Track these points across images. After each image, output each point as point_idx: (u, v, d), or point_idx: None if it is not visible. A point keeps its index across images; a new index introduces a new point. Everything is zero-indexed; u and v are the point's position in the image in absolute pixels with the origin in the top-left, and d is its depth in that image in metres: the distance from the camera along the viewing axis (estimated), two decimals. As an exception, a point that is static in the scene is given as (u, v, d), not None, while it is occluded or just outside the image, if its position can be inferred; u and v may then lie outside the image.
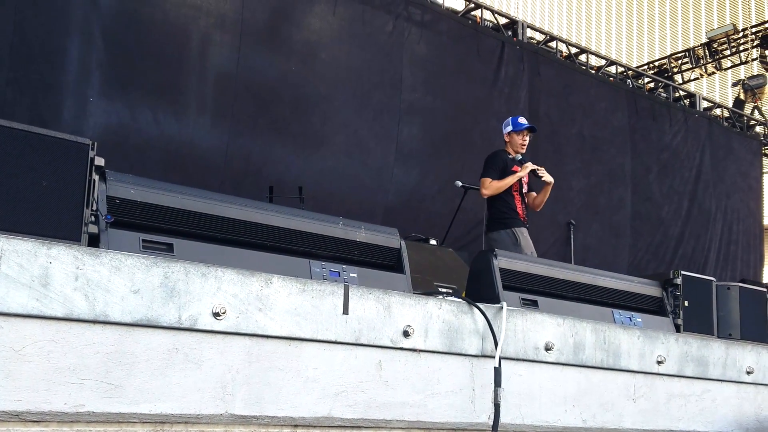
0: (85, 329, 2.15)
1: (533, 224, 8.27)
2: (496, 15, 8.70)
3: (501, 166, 5.45)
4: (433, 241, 5.53)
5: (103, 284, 2.17)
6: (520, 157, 5.56)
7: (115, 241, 2.35)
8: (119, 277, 2.20)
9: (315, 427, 2.64)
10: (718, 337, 4.01)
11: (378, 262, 3.12)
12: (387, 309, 2.82)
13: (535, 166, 5.51)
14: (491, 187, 5.41)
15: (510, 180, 5.44)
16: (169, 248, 2.49)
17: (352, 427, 2.73)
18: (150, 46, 6.16)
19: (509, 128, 5.60)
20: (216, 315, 2.39)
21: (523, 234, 5.53)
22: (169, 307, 2.30)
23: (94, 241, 2.33)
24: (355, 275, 3.00)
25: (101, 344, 2.18)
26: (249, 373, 2.49)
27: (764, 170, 11.89)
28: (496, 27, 8.68)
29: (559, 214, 8.59)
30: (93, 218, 2.29)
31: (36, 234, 2.12)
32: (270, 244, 2.77)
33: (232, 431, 2.46)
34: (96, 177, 2.29)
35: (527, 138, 5.59)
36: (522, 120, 5.59)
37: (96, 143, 2.27)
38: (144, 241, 2.43)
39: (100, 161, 2.30)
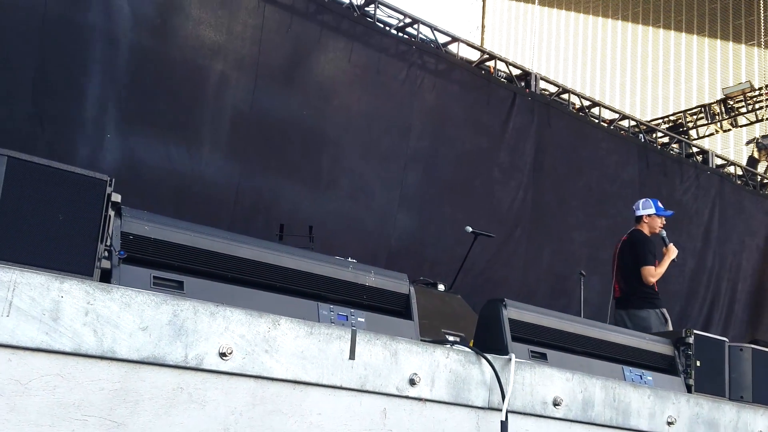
0: (92, 365, 2.13)
1: (530, 276, 8.28)
2: (509, 66, 8.83)
3: (653, 251, 5.86)
4: (441, 287, 5.52)
5: (112, 320, 2.16)
6: (665, 233, 6.06)
7: (126, 276, 2.35)
8: (129, 314, 2.19)
9: (316, 474, 2.60)
10: (730, 399, 3.94)
11: (386, 307, 3.10)
12: (394, 356, 2.79)
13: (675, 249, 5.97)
14: (657, 274, 5.81)
15: (666, 264, 5.87)
16: (179, 286, 2.48)
17: (354, 476, 2.68)
18: (167, 85, 6.28)
19: (651, 211, 6.00)
20: (222, 355, 2.37)
21: (667, 314, 5.89)
22: (176, 346, 2.28)
23: (106, 277, 2.33)
24: (363, 320, 2.98)
25: (107, 380, 2.16)
26: (252, 415, 2.46)
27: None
28: (509, 78, 8.80)
29: (558, 266, 8.57)
30: (106, 253, 2.30)
31: (49, 267, 2.13)
32: (279, 285, 2.76)
33: (233, 475, 2.42)
34: (112, 213, 2.30)
35: (664, 222, 6.06)
36: (661, 205, 6.11)
37: (114, 179, 2.29)
38: (155, 277, 2.43)
39: (116, 197, 2.32)
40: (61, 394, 2.08)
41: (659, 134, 11.00)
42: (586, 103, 9.72)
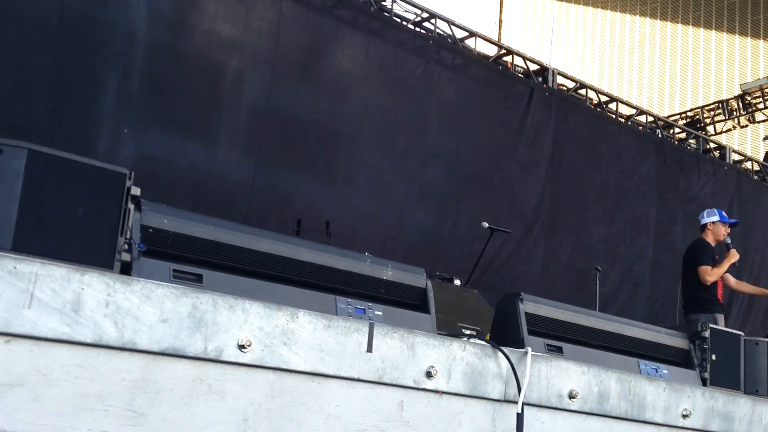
0: (113, 356, 2.16)
1: (549, 271, 8.27)
2: (527, 61, 8.79)
3: (712, 254, 6.10)
4: (457, 282, 5.53)
5: (133, 312, 2.19)
6: (729, 240, 6.33)
7: (146, 269, 2.38)
8: (149, 306, 2.22)
9: (334, 465, 2.62)
10: (745, 392, 3.93)
11: (404, 301, 3.11)
12: (411, 349, 2.80)
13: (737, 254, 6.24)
14: (714, 273, 6.05)
15: (726, 266, 6.14)
16: (198, 279, 2.51)
17: (372, 468, 2.69)
18: (184, 81, 6.31)
19: (715, 218, 6.29)
20: (241, 347, 2.39)
21: (721, 320, 6.04)
22: (196, 338, 2.31)
23: (126, 269, 2.36)
24: (381, 313, 2.99)
25: (128, 371, 2.19)
26: (271, 407, 2.48)
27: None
28: (527, 73, 8.77)
29: (577, 261, 8.54)
30: (126, 246, 2.33)
31: (70, 260, 2.15)
32: (297, 279, 2.78)
33: (252, 466, 2.45)
34: (131, 206, 2.33)
35: (729, 230, 6.33)
36: (726, 214, 6.39)
37: (133, 173, 2.32)
38: (174, 270, 2.46)
39: (136, 191, 2.34)
40: (83, 385, 2.11)
41: (677, 130, 10.92)
42: (604, 98, 9.67)
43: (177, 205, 5.75)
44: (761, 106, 12.82)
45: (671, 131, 10.66)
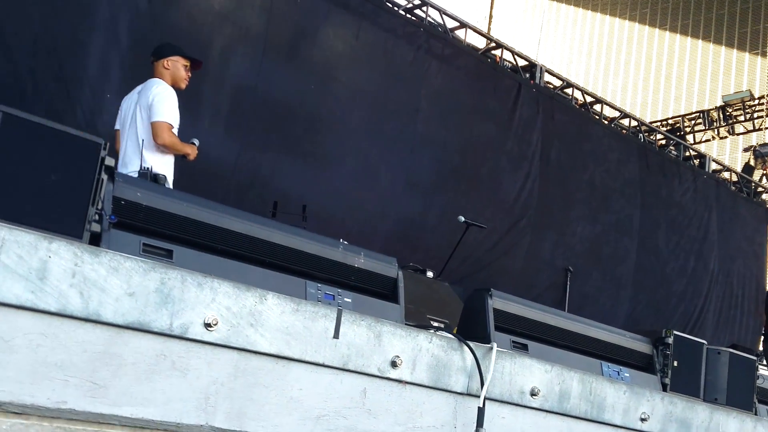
0: (77, 327, 2.15)
1: (530, 267, 8.33)
2: (515, 56, 8.78)
3: None
4: (430, 273, 5.53)
5: (99, 283, 2.18)
6: None
7: (116, 242, 2.36)
8: (116, 278, 2.21)
9: (293, 448, 2.63)
10: (704, 400, 4.00)
11: (374, 289, 3.12)
12: (377, 337, 2.82)
13: None
14: None
15: None
16: (168, 254, 2.50)
17: (330, 453, 2.71)
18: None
19: None
20: (207, 326, 2.39)
21: None
22: (162, 313, 2.31)
23: (95, 240, 2.34)
24: (350, 300, 3.00)
25: (90, 343, 2.18)
26: (234, 386, 2.49)
27: (768, 238, 11.88)
28: (515, 68, 8.76)
29: (559, 259, 8.58)
30: (97, 217, 2.31)
31: (39, 227, 2.14)
32: (269, 261, 2.78)
33: (211, 444, 2.45)
34: (104, 177, 2.31)
35: None
36: None
37: (108, 143, 2.30)
38: (145, 244, 2.45)
39: (110, 161, 2.32)
40: (44, 354, 2.10)
41: (659, 136, 11.00)
42: (589, 99, 9.70)
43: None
44: (741, 118, 12.96)
45: (653, 136, 10.73)
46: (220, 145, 6.41)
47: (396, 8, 7.90)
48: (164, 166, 4.44)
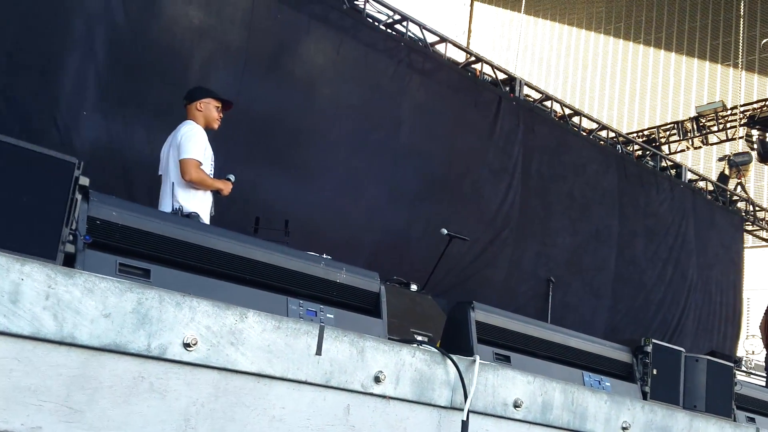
0: (51, 350, 2.11)
1: (512, 278, 8.36)
2: (495, 70, 8.85)
3: None
4: (413, 287, 5.53)
5: (74, 305, 2.14)
6: None
7: (91, 262, 2.32)
8: (91, 300, 2.17)
9: (276, 467, 2.59)
10: (684, 407, 4.02)
11: (356, 304, 3.10)
12: (360, 353, 2.79)
13: None
14: None
15: None
16: (145, 274, 2.46)
17: (313, 472, 2.68)
18: (151, 66, 6.19)
19: None
20: (186, 346, 2.35)
21: None
22: (139, 334, 2.27)
23: (69, 261, 2.30)
24: (332, 316, 2.98)
25: (65, 366, 2.14)
26: (215, 407, 2.45)
27: (745, 245, 12.04)
28: (495, 81, 8.82)
29: (541, 270, 8.62)
30: (71, 237, 2.27)
31: (11, 248, 2.09)
32: (249, 278, 2.75)
33: (191, 465, 2.41)
34: (79, 196, 2.27)
35: None
36: None
37: (82, 162, 2.26)
38: (121, 264, 2.41)
39: (84, 181, 2.28)
40: (17, 378, 2.05)
41: (636, 146, 11.12)
42: (567, 111, 9.78)
43: (137, 194, 5.65)
44: (715, 128, 13.18)
45: (630, 148, 10.84)
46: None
47: (376, 23, 7.94)
48: (198, 203, 4.57)
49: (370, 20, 7.90)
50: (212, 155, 4.76)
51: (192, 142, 4.53)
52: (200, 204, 4.57)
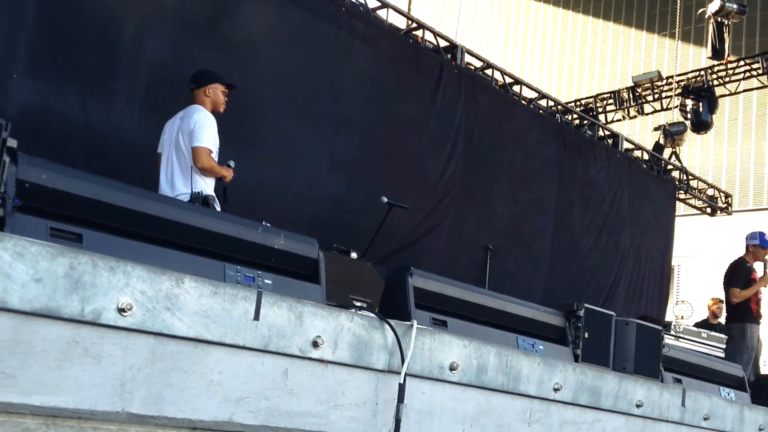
0: (-20, 315, 2.08)
1: (452, 246, 8.48)
2: (437, 37, 8.85)
3: (745, 278, 7.07)
4: (353, 254, 5.56)
5: (3, 269, 2.10)
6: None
7: (21, 226, 2.28)
8: (21, 264, 2.13)
9: (214, 431, 2.62)
10: (613, 369, 4.19)
11: (294, 270, 3.12)
12: (299, 318, 2.82)
13: None
14: (740, 296, 7.05)
15: (754, 289, 7.09)
16: (78, 238, 2.42)
17: (252, 434, 2.71)
18: (84, 28, 5.98)
19: (756, 242, 7.22)
20: (121, 311, 2.34)
21: (754, 330, 7.12)
22: (72, 299, 2.24)
23: (-2, 225, 2.25)
24: (270, 282, 2.99)
25: (-4, 331, 2.11)
26: (151, 372, 2.45)
27: (677, 214, 12.46)
28: (436, 49, 8.82)
29: (481, 238, 8.76)
30: (0, 201, 2.22)
31: (-64, 212, 2.04)
32: (185, 244, 2.73)
33: (128, 430, 2.41)
34: (7, 159, 2.22)
35: None
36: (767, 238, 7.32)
37: (10, 124, 2.20)
38: (52, 229, 2.36)
39: (12, 143, 2.23)
40: (-55, 344, 2.02)
41: (574, 116, 11.32)
42: (508, 80, 9.87)
43: (73, 161, 5.49)
44: (650, 98, 13.46)
45: (569, 117, 11.04)
46: (138, 127, 6.21)
47: (316, -13, 7.82)
48: (210, 188, 4.88)
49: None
50: (218, 142, 4.96)
51: (204, 130, 4.78)
52: (209, 189, 4.86)
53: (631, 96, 13.46)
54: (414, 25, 8.62)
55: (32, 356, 2.18)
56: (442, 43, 8.88)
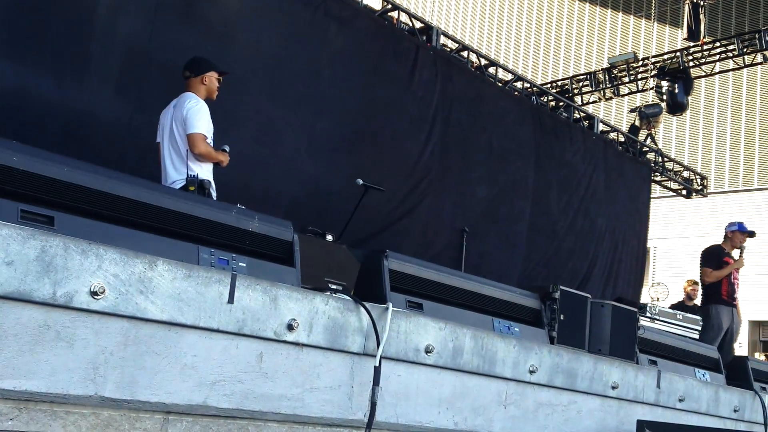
0: (-52, 299, 2.05)
1: (430, 228, 8.50)
2: (412, 18, 8.80)
3: (717, 260, 7.31)
4: (329, 237, 5.55)
5: (-28, 253, 2.08)
6: (744, 247, 7.49)
7: (-10, 209, 2.25)
8: (-9, 248, 2.11)
9: (188, 414, 2.62)
10: (589, 351, 4.23)
11: (269, 253, 3.11)
12: (273, 301, 2.82)
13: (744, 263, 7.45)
14: (712, 275, 7.31)
15: (727, 271, 7.30)
16: (49, 221, 2.39)
17: (227, 417, 2.72)
18: (58, 8, 5.87)
19: (734, 228, 7.51)
20: (94, 294, 2.33)
21: (721, 310, 7.34)
22: (44, 282, 2.22)
23: (-33, 208, 2.22)
24: (245, 265, 2.98)
25: (-35, 316, 2.09)
26: (124, 355, 2.44)
27: (652, 196, 12.57)
28: (412, 30, 8.78)
29: (458, 220, 8.79)
30: (-32, 184, 2.19)
31: None
32: (158, 226, 2.71)
33: (101, 414, 2.41)
34: (-24, 141, 2.18)
35: (746, 240, 7.49)
36: (746, 226, 7.60)
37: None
38: (23, 211, 2.33)
39: (-19, 125, 2.19)
40: None
41: (550, 98, 11.34)
42: (484, 62, 9.86)
43: (47, 143, 5.40)
44: (626, 80, 13.50)
45: (545, 99, 11.05)
46: (113, 109, 6.12)
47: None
48: (207, 172, 4.92)
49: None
50: (212, 128, 5.01)
51: (198, 116, 4.83)
52: (207, 174, 4.91)
53: (606, 77, 13.49)
54: (389, 6, 8.56)
55: (3, 340, 2.17)
56: (418, 25, 8.84)
